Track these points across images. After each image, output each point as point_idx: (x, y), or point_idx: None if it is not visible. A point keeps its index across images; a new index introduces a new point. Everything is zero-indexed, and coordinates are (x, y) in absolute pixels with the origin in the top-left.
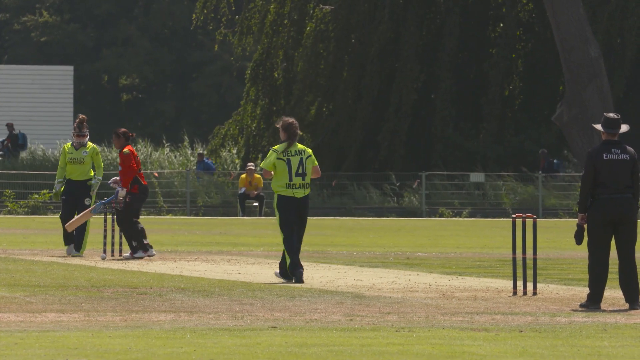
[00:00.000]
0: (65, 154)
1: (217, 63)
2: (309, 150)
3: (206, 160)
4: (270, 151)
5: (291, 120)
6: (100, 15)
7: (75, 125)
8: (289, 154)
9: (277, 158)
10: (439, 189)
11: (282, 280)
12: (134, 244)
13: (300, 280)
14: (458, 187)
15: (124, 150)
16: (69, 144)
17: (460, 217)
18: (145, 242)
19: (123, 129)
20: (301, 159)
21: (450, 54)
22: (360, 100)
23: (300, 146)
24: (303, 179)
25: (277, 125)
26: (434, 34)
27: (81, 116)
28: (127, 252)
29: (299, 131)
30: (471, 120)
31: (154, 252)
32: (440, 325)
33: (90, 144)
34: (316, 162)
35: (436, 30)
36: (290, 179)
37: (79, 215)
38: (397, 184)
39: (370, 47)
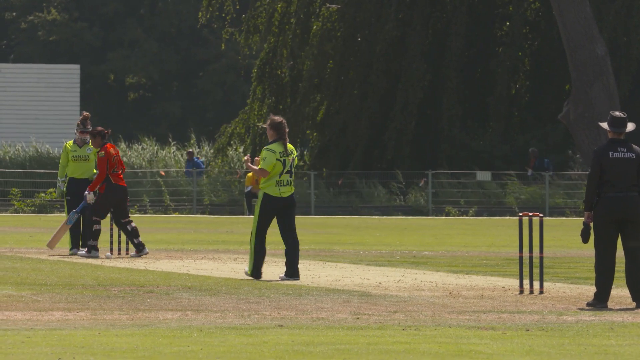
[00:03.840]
0: (67, 151)
1: (223, 61)
2: (294, 150)
3: (196, 159)
4: (267, 152)
5: (281, 119)
6: (106, 14)
7: (79, 122)
8: (284, 155)
9: (277, 159)
10: (445, 188)
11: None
12: (135, 241)
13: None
14: (464, 186)
15: (100, 152)
16: (70, 142)
17: (466, 215)
18: (93, 243)
19: (99, 128)
20: (293, 158)
21: (456, 52)
22: (366, 99)
23: (289, 145)
24: (290, 176)
25: (265, 125)
26: (441, 32)
27: (85, 113)
28: (131, 251)
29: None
30: (477, 119)
31: (98, 255)
32: (447, 323)
33: None
34: (296, 161)
35: (443, 28)
36: (280, 176)
37: (57, 231)
38: (404, 183)
39: (376, 45)
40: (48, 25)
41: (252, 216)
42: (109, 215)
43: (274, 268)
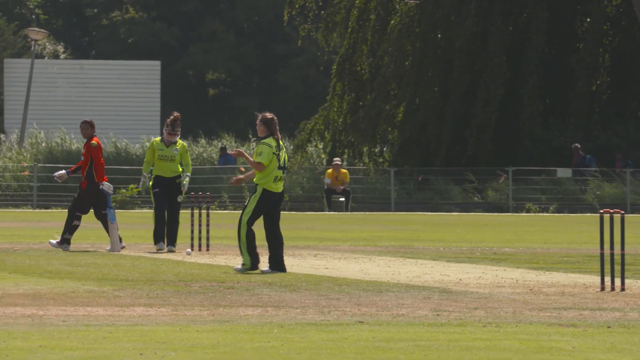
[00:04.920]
0: (154, 149)
1: (303, 56)
2: (283, 146)
3: (228, 156)
4: (264, 146)
5: (272, 115)
6: (186, 12)
7: (169, 122)
8: (278, 150)
9: (273, 153)
10: (525, 184)
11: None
12: (66, 235)
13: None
14: (545, 183)
15: (92, 142)
16: (157, 139)
17: (546, 212)
18: (68, 237)
19: (89, 119)
20: (285, 153)
21: (537, 48)
22: (447, 96)
23: (280, 141)
24: (283, 172)
25: (257, 121)
26: (521, 28)
27: (175, 114)
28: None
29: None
30: (558, 115)
31: (69, 249)
32: (528, 320)
33: (180, 141)
34: (286, 157)
35: (523, 24)
36: (275, 171)
37: (112, 232)
38: (483, 180)
39: (456, 42)
40: (127, 24)
41: (331, 212)
42: (192, 210)
43: (354, 264)
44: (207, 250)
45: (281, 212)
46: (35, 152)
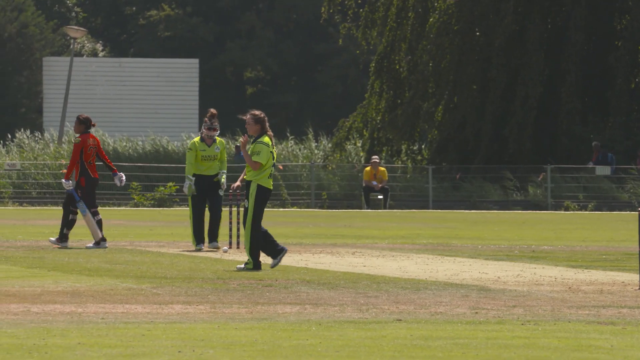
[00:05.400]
0: (197, 151)
1: (343, 55)
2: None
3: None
4: (262, 145)
5: (262, 112)
6: (223, 9)
7: (207, 118)
8: (271, 148)
9: (270, 152)
10: (565, 182)
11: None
12: (64, 231)
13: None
14: (584, 180)
15: (77, 138)
16: (197, 139)
17: (585, 210)
18: (65, 232)
19: (86, 115)
20: (275, 149)
21: (575, 46)
22: (485, 94)
23: (272, 138)
24: (274, 169)
25: (244, 117)
26: (559, 26)
27: (212, 110)
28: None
29: None
30: (597, 113)
31: (67, 245)
32: (566, 318)
33: (218, 138)
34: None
35: (562, 22)
36: (270, 169)
37: (89, 224)
38: (522, 177)
39: (494, 39)
40: (164, 21)
41: (369, 210)
42: (230, 208)
43: (392, 262)
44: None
45: (320, 210)
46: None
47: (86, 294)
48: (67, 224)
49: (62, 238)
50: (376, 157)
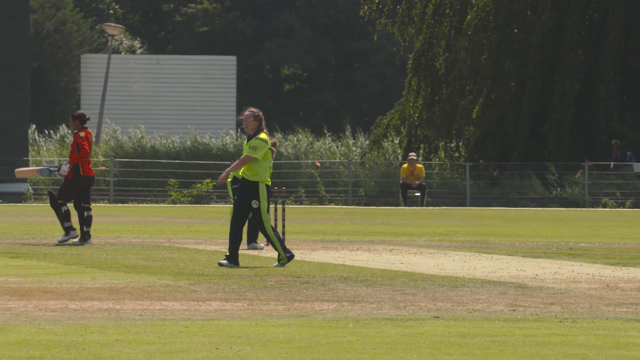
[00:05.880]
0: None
1: (381, 53)
2: None
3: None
4: (259, 141)
5: (259, 110)
6: (261, 5)
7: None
8: (269, 145)
9: (269, 148)
10: (602, 179)
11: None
12: (84, 229)
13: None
14: (621, 178)
15: (80, 133)
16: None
17: (623, 207)
18: (67, 224)
19: (79, 112)
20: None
21: (613, 43)
22: (523, 91)
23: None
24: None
25: (241, 117)
26: (597, 23)
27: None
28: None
29: None
30: (636, 110)
31: (76, 235)
32: (604, 316)
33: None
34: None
35: (600, 19)
36: (270, 167)
37: (28, 169)
38: (560, 175)
39: (532, 36)
40: (201, 16)
41: (407, 207)
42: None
43: (429, 260)
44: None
45: (357, 207)
46: (114, 147)
47: (124, 291)
48: (85, 221)
49: (85, 236)
50: (413, 154)
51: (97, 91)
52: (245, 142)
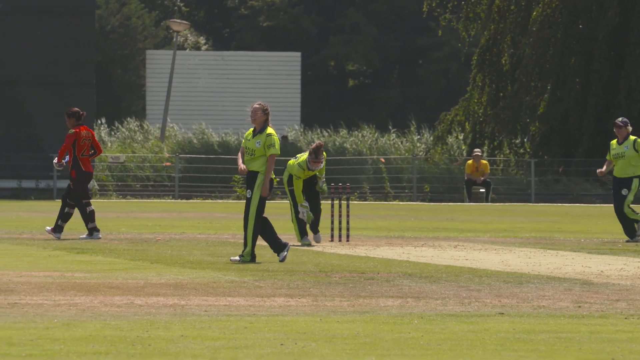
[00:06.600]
0: (302, 177)
1: (445, 49)
2: None
3: (291, 143)
4: (272, 137)
5: (267, 105)
6: (326, 1)
7: (312, 150)
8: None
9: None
10: None
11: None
12: (59, 222)
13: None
14: None
15: (70, 130)
16: (302, 163)
17: None
18: (91, 225)
19: (74, 109)
20: None
21: None
22: (588, 87)
23: None
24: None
25: (249, 110)
26: None
27: (319, 142)
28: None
29: None
30: None
31: (100, 236)
32: None
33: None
34: None
35: None
36: None
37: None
38: None
39: (598, 32)
40: (266, 11)
41: (471, 203)
42: (332, 201)
43: (494, 256)
44: (347, 241)
45: (422, 203)
46: (180, 142)
47: (189, 287)
48: (63, 216)
49: (57, 229)
50: (478, 150)
51: (162, 87)
52: (251, 135)
